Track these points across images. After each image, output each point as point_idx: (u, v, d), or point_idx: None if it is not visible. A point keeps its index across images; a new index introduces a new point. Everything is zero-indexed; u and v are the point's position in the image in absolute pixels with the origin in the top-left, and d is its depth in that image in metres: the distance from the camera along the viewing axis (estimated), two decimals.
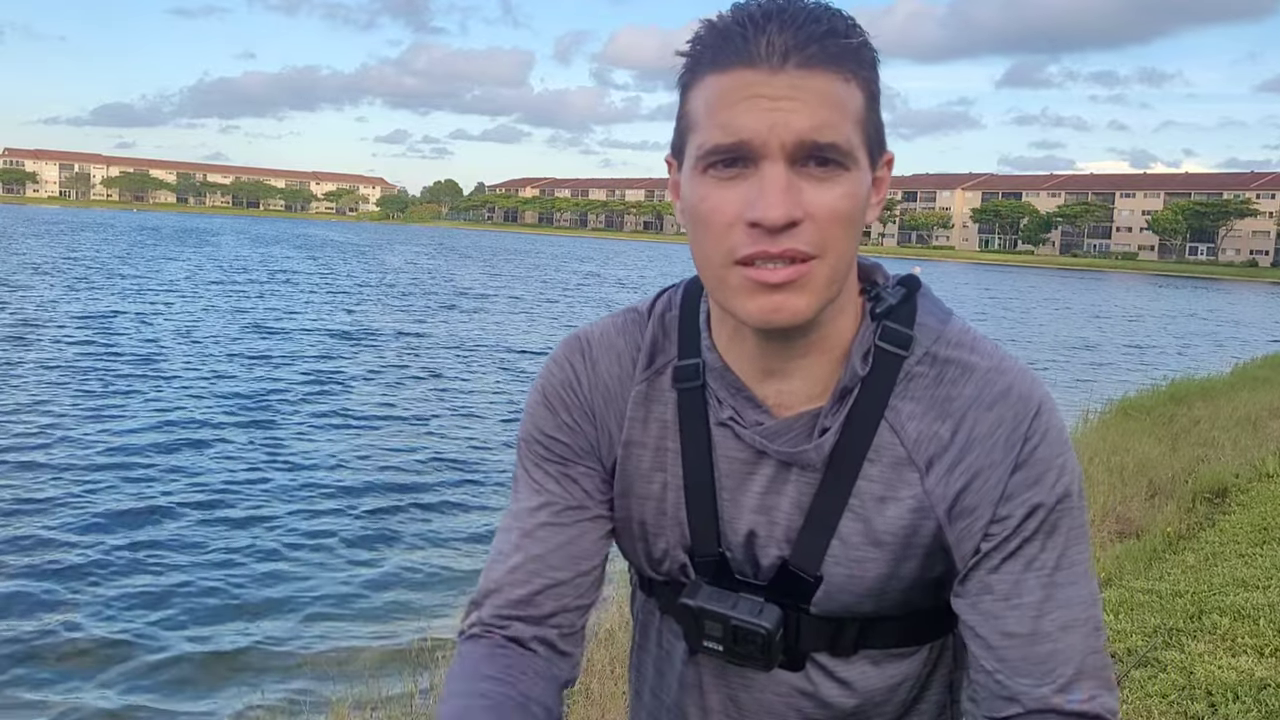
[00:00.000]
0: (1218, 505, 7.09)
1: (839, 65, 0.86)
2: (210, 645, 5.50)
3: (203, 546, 6.97)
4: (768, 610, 0.98)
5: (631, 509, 1.06)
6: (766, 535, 0.99)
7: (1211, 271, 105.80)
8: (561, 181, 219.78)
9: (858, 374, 0.96)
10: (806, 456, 0.96)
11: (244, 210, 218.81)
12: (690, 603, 1.01)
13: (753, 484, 0.99)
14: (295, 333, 18.93)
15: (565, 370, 1.07)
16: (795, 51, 0.85)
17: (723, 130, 0.86)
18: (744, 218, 0.86)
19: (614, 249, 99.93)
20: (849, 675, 1.02)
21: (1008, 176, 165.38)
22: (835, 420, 0.96)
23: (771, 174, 0.85)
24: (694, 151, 0.89)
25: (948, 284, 53.24)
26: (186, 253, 44.22)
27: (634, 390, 1.04)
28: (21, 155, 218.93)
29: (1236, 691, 3.63)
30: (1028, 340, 25.02)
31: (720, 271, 0.89)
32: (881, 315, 0.97)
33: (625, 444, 1.05)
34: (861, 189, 0.89)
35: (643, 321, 1.06)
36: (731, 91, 0.86)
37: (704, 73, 0.88)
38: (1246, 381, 13.92)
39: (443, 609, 6.11)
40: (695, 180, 0.89)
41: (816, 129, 0.85)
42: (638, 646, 1.16)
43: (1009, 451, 0.93)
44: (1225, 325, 36.25)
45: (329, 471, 9.11)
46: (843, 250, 0.89)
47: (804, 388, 0.98)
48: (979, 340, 0.98)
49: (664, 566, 1.06)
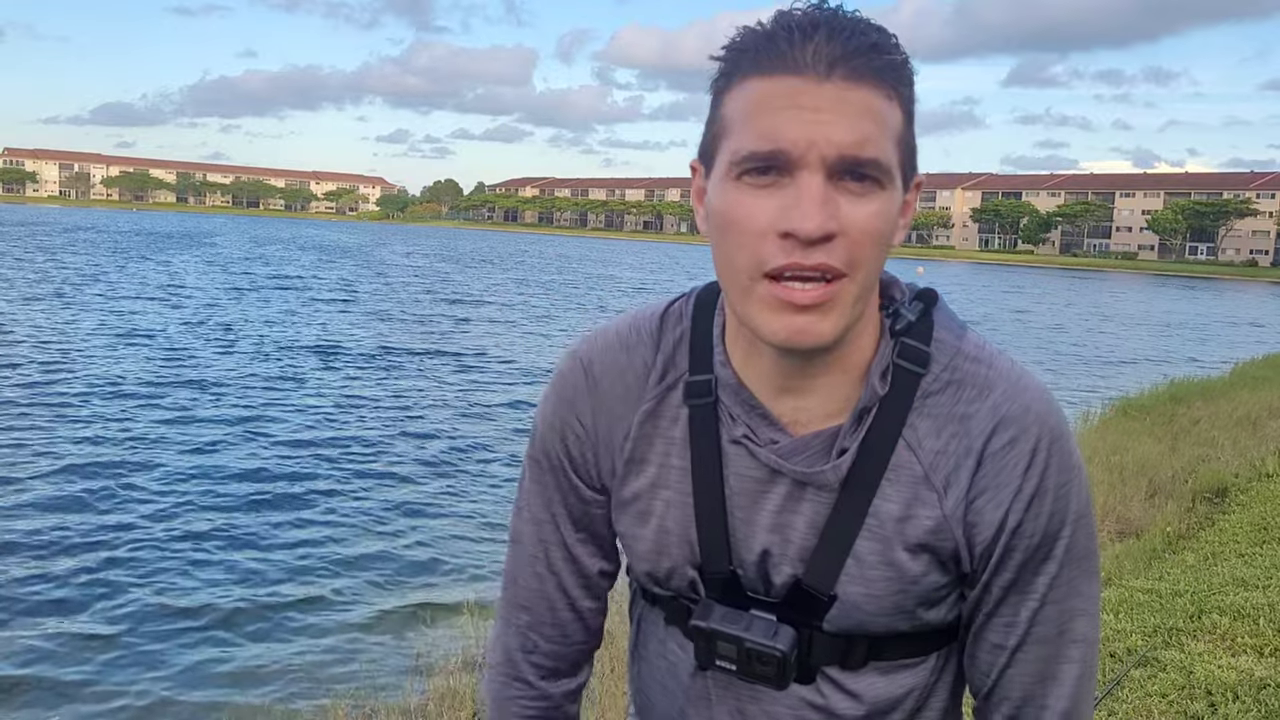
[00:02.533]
0: (1217, 505, 7.09)
1: (883, 80, 0.84)
2: (210, 643, 5.50)
3: (203, 546, 6.96)
4: (782, 632, 0.97)
5: (633, 526, 1.05)
6: (780, 554, 0.98)
7: (1211, 271, 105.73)
8: (561, 181, 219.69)
9: (877, 393, 0.94)
10: (823, 477, 0.95)
11: (244, 210, 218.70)
12: (703, 625, 1.00)
13: (767, 502, 0.98)
14: (296, 334, 18.93)
15: (566, 392, 1.06)
16: (842, 62, 0.82)
17: (762, 137, 0.83)
18: (777, 228, 0.83)
19: (639, 250, 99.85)
20: (858, 687, 1.01)
21: (1008, 176, 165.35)
22: (854, 440, 0.94)
23: (809, 184, 0.83)
24: (727, 157, 0.86)
25: (953, 283, 53.23)
26: (179, 258, 44.03)
27: (640, 410, 1.03)
28: (21, 155, 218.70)
29: (1236, 691, 3.63)
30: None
31: (747, 283, 0.86)
32: (900, 332, 0.96)
33: (627, 461, 1.03)
34: (894, 208, 0.87)
35: (653, 336, 1.04)
36: (774, 98, 0.83)
37: (744, 77, 0.86)
38: (1246, 381, 13.92)
39: (443, 606, 6.11)
40: (726, 186, 0.87)
41: (858, 143, 0.83)
42: (638, 656, 1.14)
43: (1022, 473, 0.93)
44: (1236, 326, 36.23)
45: (329, 473, 9.11)
46: (871, 270, 0.87)
47: (822, 406, 0.96)
48: (995, 356, 0.97)
49: (671, 583, 1.04)
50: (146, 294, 24.83)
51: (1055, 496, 0.94)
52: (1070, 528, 0.95)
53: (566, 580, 1.11)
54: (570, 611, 1.13)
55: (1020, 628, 0.98)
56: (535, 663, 1.14)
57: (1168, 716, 3.49)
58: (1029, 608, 0.97)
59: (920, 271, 59.04)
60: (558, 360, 1.08)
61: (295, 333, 18.84)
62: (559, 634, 1.13)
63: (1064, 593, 0.97)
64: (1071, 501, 0.95)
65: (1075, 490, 0.95)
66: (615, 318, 1.08)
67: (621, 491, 1.05)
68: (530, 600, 1.13)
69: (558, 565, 1.11)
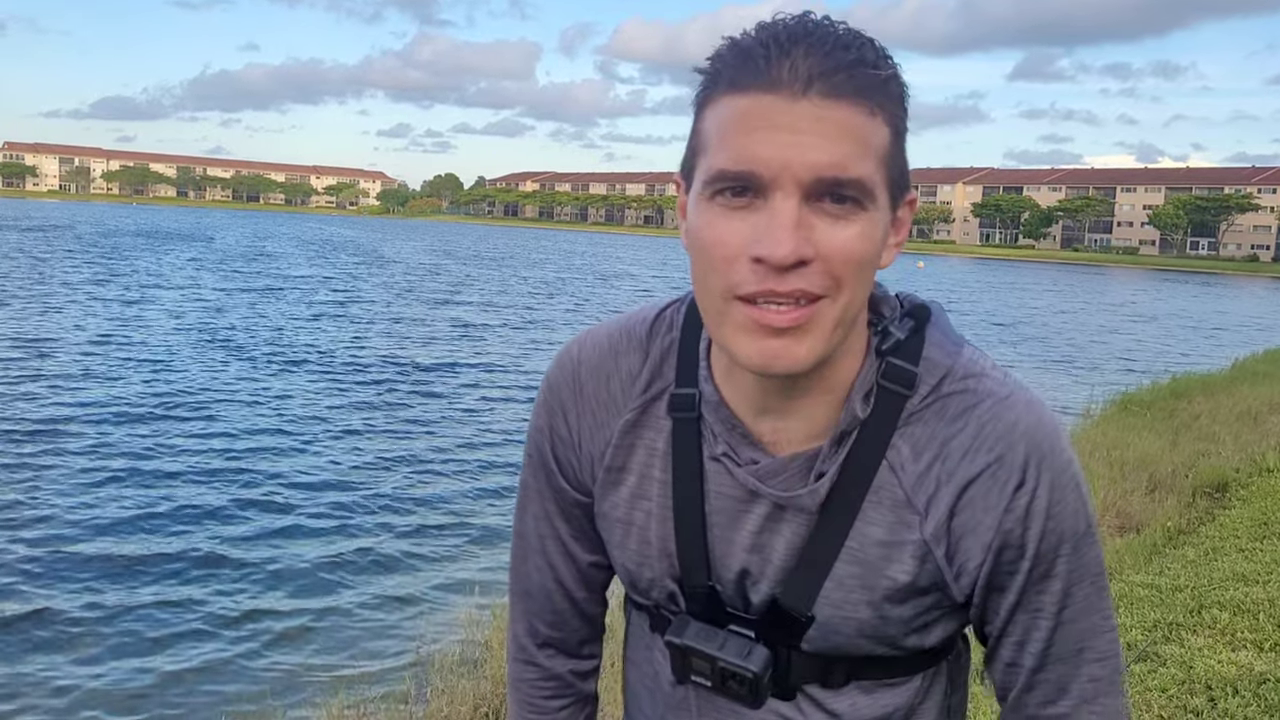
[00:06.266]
0: (1218, 500, 7.09)
1: (865, 97, 0.80)
2: (210, 643, 5.50)
3: (200, 546, 6.97)
4: (756, 652, 0.96)
5: (614, 535, 1.04)
6: (759, 573, 0.96)
7: (1212, 266, 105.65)
8: (562, 176, 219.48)
9: (857, 417, 0.92)
10: (801, 500, 0.92)
11: (244, 204, 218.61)
12: (677, 641, 0.99)
13: (746, 522, 0.96)
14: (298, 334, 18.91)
15: (553, 394, 1.07)
16: (820, 79, 0.79)
17: (734, 157, 0.81)
18: (749, 252, 0.80)
19: (645, 245, 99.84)
20: (839, 706, 0.99)
21: (1009, 171, 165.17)
22: (832, 464, 0.92)
23: (782, 208, 0.79)
24: (702, 175, 0.84)
25: (949, 279, 53.19)
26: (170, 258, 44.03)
27: (623, 419, 1.01)
28: (21, 149, 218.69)
29: (1236, 686, 3.63)
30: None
31: (720, 304, 0.84)
32: (887, 352, 0.93)
33: (608, 468, 1.03)
34: (879, 230, 0.84)
35: (642, 343, 1.02)
36: (748, 116, 0.80)
37: (720, 93, 0.83)
38: (1246, 376, 13.92)
39: (444, 606, 6.11)
40: (701, 206, 0.84)
41: (835, 164, 0.79)
42: (628, 658, 1.15)
43: (1011, 493, 0.90)
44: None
45: (330, 473, 9.11)
46: (854, 293, 0.83)
47: (803, 427, 0.93)
48: (987, 374, 0.93)
49: (652, 594, 1.04)
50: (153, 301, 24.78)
51: (1048, 515, 0.90)
52: (1071, 544, 0.92)
53: (563, 573, 1.13)
54: (567, 602, 1.14)
55: (1034, 647, 0.96)
56: (541, 644, 1.17)
57: (1168, 711, 3.49)
58: (1042, 627, 0.95)
59: (920, 266, 59.08)
60: (552, 357, 1.09)
61: (294, 336, 18.83)
62: (559, 620, 1.15)
63: (1078, 611, 0.95)
64: (1068, 519, 0.91)
65: (1072, 507, 0.92)
66: (611, 317, 1.07)
67: (603, 500, 1.04)
68: (531, 590, 1.15)
69: (555, 559, 1.12)
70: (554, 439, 1.06)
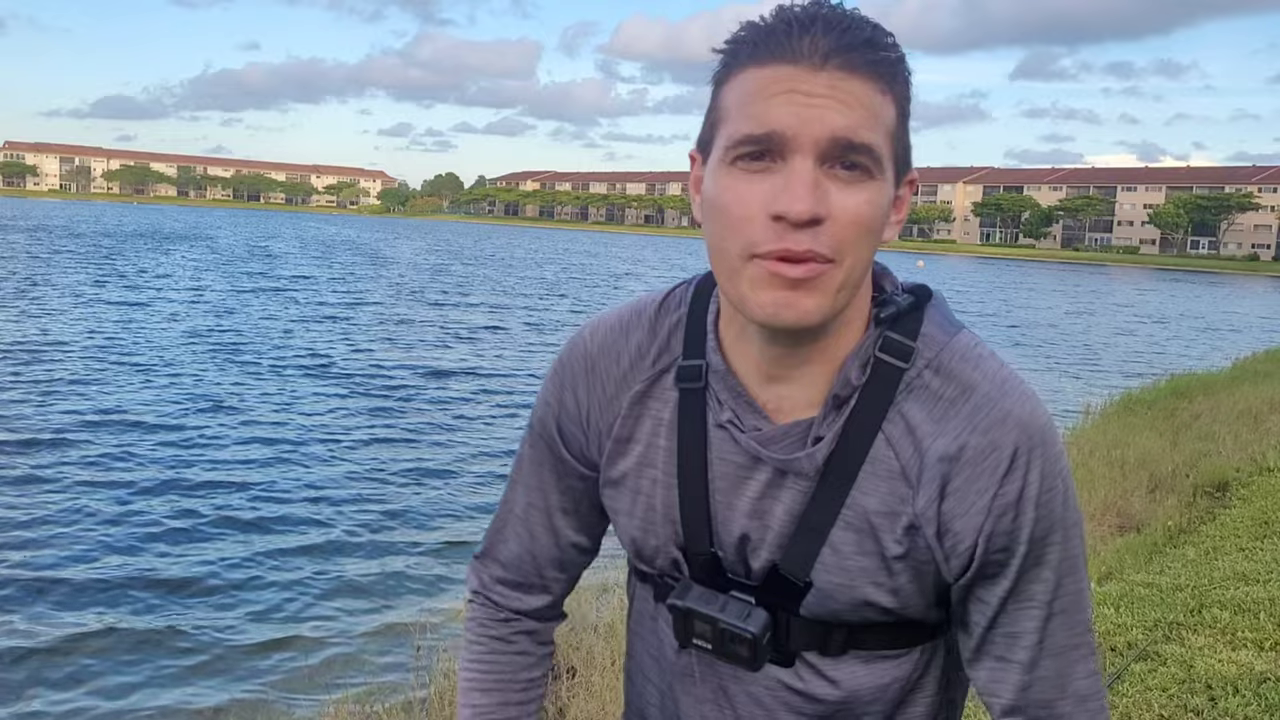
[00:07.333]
0: (1218, 499, 7.10)
1: (877, 75, 0.87)
2: (210, 643, 5.51)
3: (199, 546, 6.98)
4: (755, 614, 0.99)
5: (620, 503, 1.08)
6: (759, 539, 1.00)
7: (1213, 265, 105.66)
8: (563, 175, 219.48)
9: (850, 383, 0.95)
10: (799, 464, 0.96)
11: (244, 203, 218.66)
12: (679, 603, 1.02)
13: (748, 488, 0.99)
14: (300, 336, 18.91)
15: (565, 372, 1.10)
16: (837, 54, 0.85)
17: (755, 121, 0.86)
18: (768, 210, 0.85)
19: (649, 243, 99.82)
20: (838, 674, 1.02)
21: (1009, 170, 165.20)
22: (829, 430, 0.95)
23: (801, 168, 0.85)
24: (723, 142, 0.89)
25: (949, 279, 53.21)
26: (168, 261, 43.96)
27: (632, 391, 1.05)
28: (22, 148, 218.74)
29: (1236, 685, 3.63)
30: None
31: (737, 264, 0.88)
32: (885, 324, 0.96)
33: (615, 440, 1.06)
34: (884, 200, 0.89)
35: (651, 321, 1.06)
36: (769, 85, 0.86)
37: (741, 67, 0.88)
38: (1247, 375, 13.93)
39: (444, 606, 6.12)
40: (720, 171, 0.89)
41: (851, 128, 0.85)
42: (632, 631, 1.18)
43: (1001, 479, 0.92)
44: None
45: (330, 474, 9.12)
46: (859, 258, 0.88)
47: (804, 395, 0.97)
48: (984, 358, 0.96)
49: (657, 562, 1.07)
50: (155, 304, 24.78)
51: (1039, 504, 0.93)
52: (1061, 533, 0.95)
53: (540, 544, 1.16)
54: (538, 577, 1.18)
55: (1026, 639, 0.97)
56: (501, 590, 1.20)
57: (1168, 710, 3.49)
58: (1035, 618, 0.96)
59: (920, 265, 59.02)
60: (564, 341, 1.12)
61: (297, 339, 18.84)
62: (525, 589, 1.19)
63: (1068, 604, 0.97)
64: (1057, 508, 0.94)
65: (1061, 498, 0.94)
66: (622, 302, 1.12)
67: (610, 469, 1.07)
68: (506, 557, 1.18)
69: (537, 531, 1.16)
70: (561, 412, 1.10)
